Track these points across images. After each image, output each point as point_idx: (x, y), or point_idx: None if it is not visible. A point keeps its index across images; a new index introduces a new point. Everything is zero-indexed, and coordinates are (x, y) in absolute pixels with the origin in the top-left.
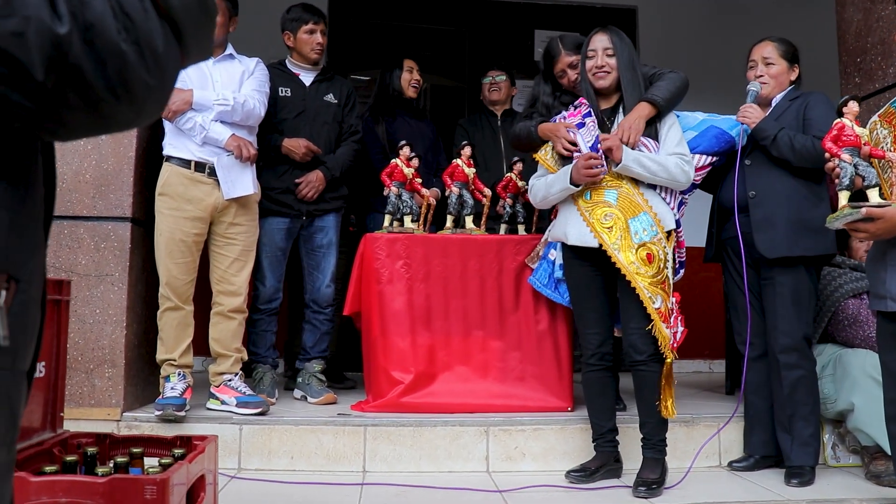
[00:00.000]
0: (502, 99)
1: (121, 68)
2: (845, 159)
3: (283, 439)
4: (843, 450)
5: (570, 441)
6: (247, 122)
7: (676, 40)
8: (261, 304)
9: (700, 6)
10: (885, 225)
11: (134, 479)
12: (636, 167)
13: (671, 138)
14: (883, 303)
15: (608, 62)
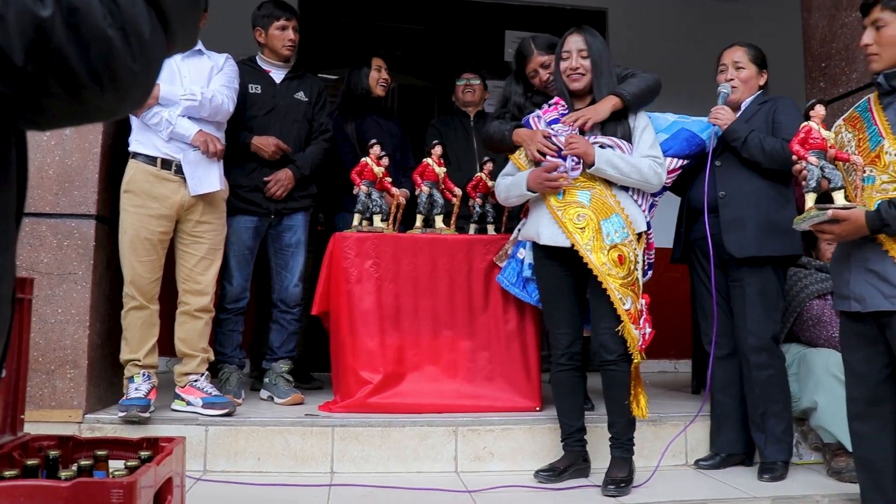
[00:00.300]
0: (475, 101)
1: (105, 54)
2: (812, 162)
3: (249, 440)
4: (805, 447)
5: (538, 441)
6: (215, 117)
7: (646, 42)
8: (228, 303)
9: (669, 9)
10: (849, 227)
11: (100, 483)
12: (609, 169)
13: (645, 140)
14: (846, 303)
15: (583, 64)
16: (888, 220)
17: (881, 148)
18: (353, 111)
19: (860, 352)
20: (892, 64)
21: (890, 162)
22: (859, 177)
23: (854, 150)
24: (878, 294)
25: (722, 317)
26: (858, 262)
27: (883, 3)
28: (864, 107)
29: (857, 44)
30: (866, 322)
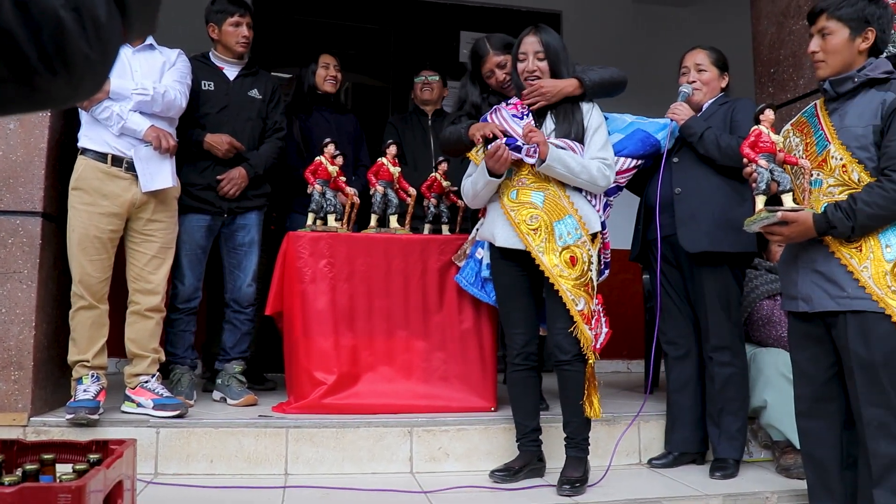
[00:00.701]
0: (434, 99)
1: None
2: (762, 165)
3: (202, 442)
4: (755, 445)
5: (493, 441)
6: (167, 113)
7: (599, 46)
8: (179, 303)
9: (623, 13)
10: (798, 228)
11: (46, 487)
12: (558, 167)
13: (596, 142)
14: (794, 303)
15: (539, 66)
16: (835, 223)
17: (827, 152)
18: (299, 108)
19: (807, 351)
20: (837, 71)
21: (836, 166)
22: (807, 180)
23: (802, 153)
24: (825, 295)
25: (679, 317)
26: (806, 263)
27: (829, 12)
28: (810, 112)
29: (804, 50)
30: (813, 322)
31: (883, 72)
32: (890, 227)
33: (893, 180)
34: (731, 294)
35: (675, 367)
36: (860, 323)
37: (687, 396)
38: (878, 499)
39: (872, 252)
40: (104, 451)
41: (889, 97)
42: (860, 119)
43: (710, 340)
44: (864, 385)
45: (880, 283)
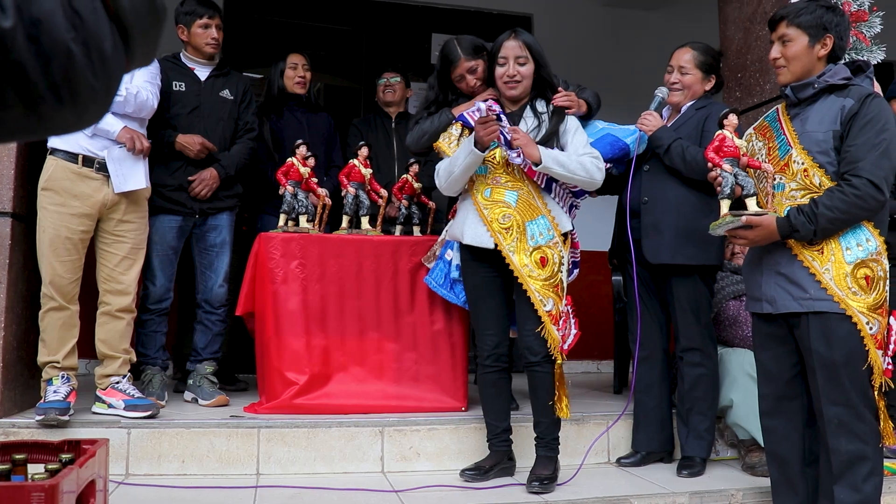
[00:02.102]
0: (396, 100)
1: (66, 68)
2: (726, 169)
3: (173, 443)
4: (722, 444)
5: (464, 440)
6: (139, 113)
7: (571, 49)
8: (150, 303)
9: (594, 17)
10: (762, 232)
11: (19, 487)
12: (556, 167)
13: (578, 142)
14: (758, 305)
15: (520, 71)
16: (797, 227)
17: (789, 156)
18: (269, 110)
19: (771, 351)
20: (798, 77)
21: (798, 170)
22: (770, 184)
23: (765, 158)
24: (788, 296)
25: (648, 319)
26: (770, 265)
27: (788, 19)
28: (772, 117)
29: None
30: (777, 323)
31: (842, 78)
32: (850, 230)
33: (853, 185)
34: (700, 297)
35: (641, 368)
36: (822, 323)
37: (652, 397)
38: (838, 494)
39: (833, 254)
40: (76, 451)
41: (848, 103)
42: (821, 124)
43: (680, 341)
44: (826, 384)
45: (841, 285)
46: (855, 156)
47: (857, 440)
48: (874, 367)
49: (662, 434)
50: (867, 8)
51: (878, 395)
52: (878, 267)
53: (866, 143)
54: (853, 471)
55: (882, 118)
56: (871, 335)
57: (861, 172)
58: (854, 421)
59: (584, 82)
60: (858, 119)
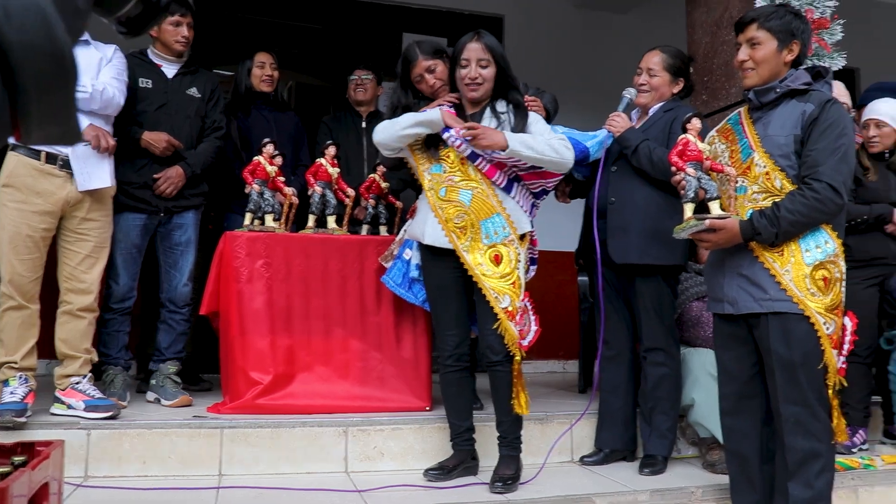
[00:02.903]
0: (368, 99)
1: None
2: (690, 173)
3: (134, 444)
4: (683, 442)
5: (428, 440)
6: (105, 110)
7: (542, 50)
8: (113, 303)
9: (565, 19)
10: (725, 235)
11: None
12: (524, 150)
13: (540, 130)
14: (720, 305)
15: (482, 73)
16: (760, 229)
17: (752, 160)
18: (237, 108)
19: (731, 351)
20: (765, 80)
21: (759, 173)
22: (732, 187)
23: (727, 161)
24: (749, 297)
25: (613, 318)
26: (732, 267)
27: (759, 22)
28: (735, 120)
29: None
30: (737, 323)
31: (803, 83)
32: (810, 232)
33: (813, 188)
34: (663, 298)
35: (607, 367)
36: (781, 324)
37: (617, 396)
38: (793, 491)
39: (794, 256)
40: (30, 453)
41: (809, 108)
42: (782, 128)
43: (643, 341)
44: (784, 383)
45: (800, 286)
46: (815, 160)
47: (811, 438)
48: (829, 366)
49: (626, 433)
50: (829, 16)
51: (831, 394)
52: (835, 269)
53: (826, 147)
54: (807, 468)
55: (841, 123)
56: (827, 335)
57: (821, 177)
58: (810, 419)
59: (555, 83)
60: (819, 124)
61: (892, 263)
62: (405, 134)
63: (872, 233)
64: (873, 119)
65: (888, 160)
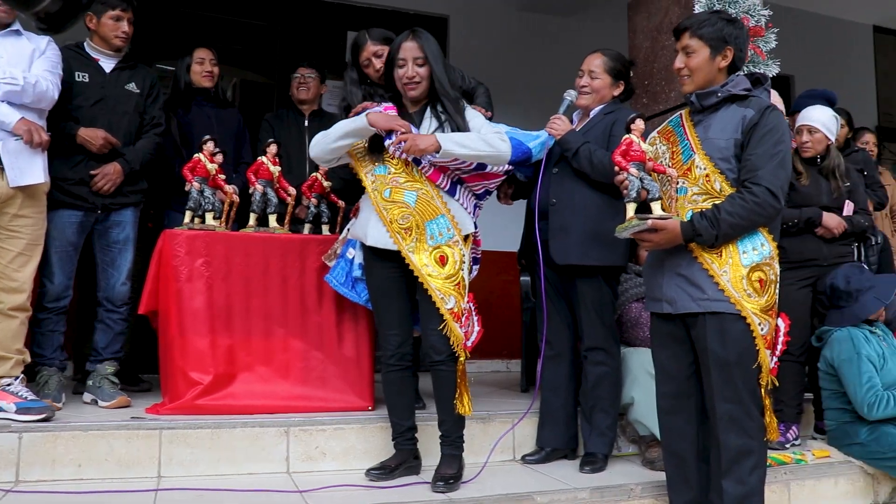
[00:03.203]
0: (310, 97)
1: None
2: (632, 173)
3: (69, 446)
4: (624, 440)
5: (370, 440)
6: (38, 104)
7: (486, 51)
8: (48, 302)
9: (508, 20)
10: (666, 236)
11: None
12: (457, 148)
13: (477, 125)
14: (659, 305)
15: (419, 72)
16: (700, 231)
17: (692, 162)
18: (177, 104)
19: (669, 350)
20: (700, 86)
21: (700, 175)
22: (673, 188)
23: (668, 162)
24: (688, 297)
25: (554, 318)
26: (671, 267)
27: (691, 30)
28: (676, 122)
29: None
30: (675, 323)
31: (743, 88)
32: (748, 235)
33: (753, 192)
34: (604, 298)
35: (548, 366)
36: (718, 323)
37: (559, 395)
38: (726, 487)
39: (731, 258)
40: None
41: (749, 113)
42: (723, 132)
43: (584, 341)
44: (719, 382)
45: (737, 287)
46: (755, 164)
47: (744, 435)
48: (763, 366)
49: (567, 431)
50: (763, 24)
51: (764, 393)
52: (770, 271)
53: (765, 153)
54: (740, 464)
55: (779, 129)
56: (761, 335)
57: (760, 181)
58: (743, 417)
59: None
60: (758, 129)
61: (823, 265)
62: (337, 146)
63: (805, 235)
64: (806, 125)
65: (819, 165)
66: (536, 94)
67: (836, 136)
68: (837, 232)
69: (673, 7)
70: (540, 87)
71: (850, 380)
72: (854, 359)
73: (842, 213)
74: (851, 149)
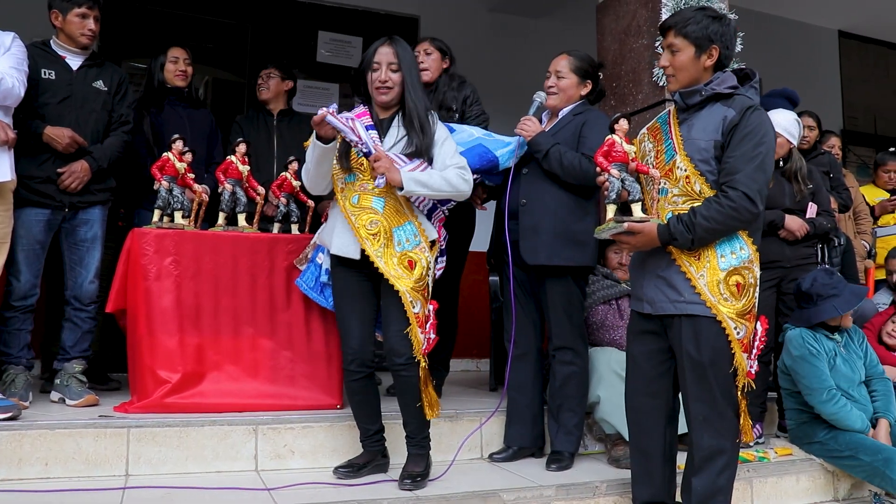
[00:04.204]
0: (271, 97)
1: None
2: (613, 174)
3: (35, 445)
4: (590, 439)
5: (338, 438)
6: (4, 101)
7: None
8: (14, 300)
9: (479, 21)
10: (643, 239)
11: None
12: (419, 188)
13: (446, 151)
14: (640, 304)
15: (392, 77)
16: (676, 235)
17: (674, 162)
18: (149, 103)
19: (644, 347)
20: (685, 85)
21: (680, 176)
22: (656, 189)
23: (653, 161)
24: (665, 299)
25: (522, 319)
26: (651, 268)
27: (675, 29)
28: (664, 119)
29: (643, 67)
30: (654, 322)
31: (728, 87)
32: (726, 238)
33: (729, 196)
34: (572, 298)
35: (515, 366)
36: (693, 326)
37: (524, 394)
38: (696, 485)
39: (709, 261)
40: None
41: (730, 114)
42: (704, 132)
43: (552, 340)
44: (693, 383)
45: (713, 291)
46: (733, 167)
47: (717, 436)
48: (739, 369)
49: (534, 430)
50: None
51: (740, 396)
52: (749, 274)
53: (744, 155)
54: (712, 464)
55: (761, 131)
56: (737, 339)
57: (737, 185)
58: (716, 418)
59: None
60: (738, 130)
61: (786, 266)
62: (321, 172)
63: (768, 237)
64: None
65: (782, 168)
66: (506, 95)
67: (798, 140)
68: (800, 234)
69: (640, 10)
70: (510, 87)
71: (801, 374)
72: (806, 355)
73: (805, 216)
74: (818, 151)
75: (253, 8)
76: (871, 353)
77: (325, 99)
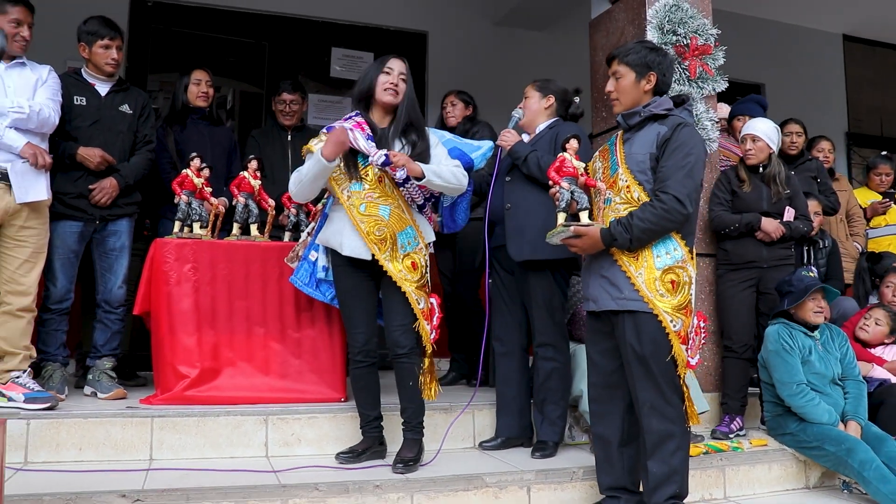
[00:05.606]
0: (293, 123)
1: None
2: (564, 187)
3: (71, 432)
4: (577, 430)
5: (341, 428)
6: (41, 129)
7: (464, 66)
8: (51, 303)
9: (485, 35)
10: (588, 241)
11: None
12: (436, 179)
13: (438, 155)
14: (588, 303)
15: (402, 84)
16: (616, 236)
17: (617, 175)
18: (173, 121)
19: (599, 345)
20: (628, 107)
21: (622, 186)
22: (602, 199)
23: (601, 177)
24: (608, 296)
25: (507, 317)
26: (596, 269)
27: (619, 58)
28: (612, 140)
29: None
30: (602, 320)
31: (664, 108)
32: (661, 240)
33: (661, 200)
34: (554, 297)
35: (501, 362)
36: (634, 321)
37: (511, 388)
38: (651, 468)
39: (646, 261)
40: None
41: (663, 130)
42: (642, 147)
43: (535, 337)
44: (639, 373)
45: (651, 288)
46: (665, 175)
47: (666, 421)
48: (678, 359)
49: (521, 421)
50: (712, 42)
51: (683, 384)
52: (683, 273)
53: (674, 164)
54: (663, 447)
55: (689, 144)
56: (674, 332)
57: (668, 189)
58: (663, 405)
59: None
60: (670, 144)
61: (763, 266)
62: (316, 187)
63: (746, 239)
64: (750, 134)
65: (762, 173)
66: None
67: (777, 146)
68: (775, 236)
69: (628, 27)
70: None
71: (774, 368)
72: (779, 350)
73: (782, 219)
74: (805, 158)
75: (270, 27)
76: (850, 355)
77: (339, 112)
